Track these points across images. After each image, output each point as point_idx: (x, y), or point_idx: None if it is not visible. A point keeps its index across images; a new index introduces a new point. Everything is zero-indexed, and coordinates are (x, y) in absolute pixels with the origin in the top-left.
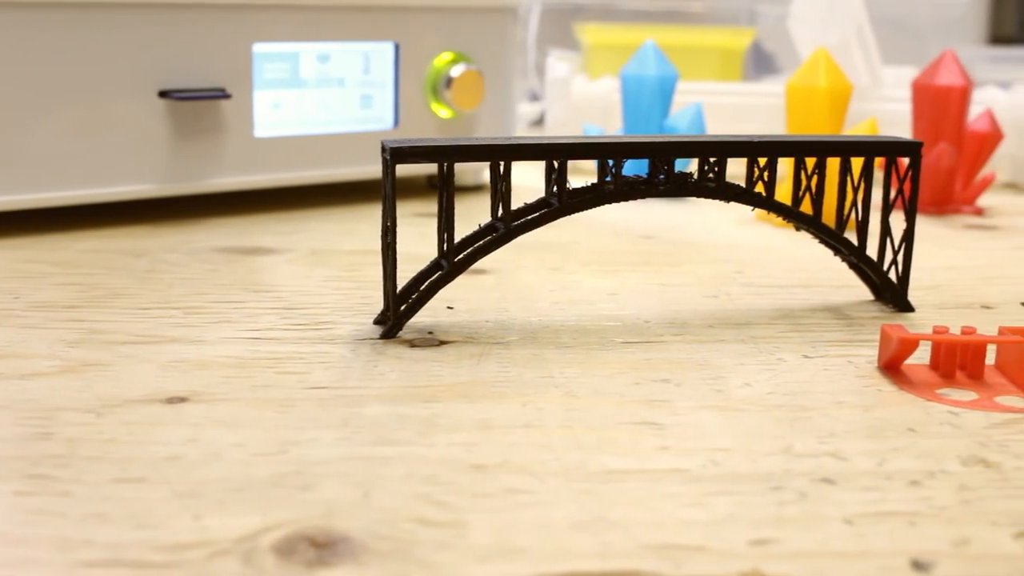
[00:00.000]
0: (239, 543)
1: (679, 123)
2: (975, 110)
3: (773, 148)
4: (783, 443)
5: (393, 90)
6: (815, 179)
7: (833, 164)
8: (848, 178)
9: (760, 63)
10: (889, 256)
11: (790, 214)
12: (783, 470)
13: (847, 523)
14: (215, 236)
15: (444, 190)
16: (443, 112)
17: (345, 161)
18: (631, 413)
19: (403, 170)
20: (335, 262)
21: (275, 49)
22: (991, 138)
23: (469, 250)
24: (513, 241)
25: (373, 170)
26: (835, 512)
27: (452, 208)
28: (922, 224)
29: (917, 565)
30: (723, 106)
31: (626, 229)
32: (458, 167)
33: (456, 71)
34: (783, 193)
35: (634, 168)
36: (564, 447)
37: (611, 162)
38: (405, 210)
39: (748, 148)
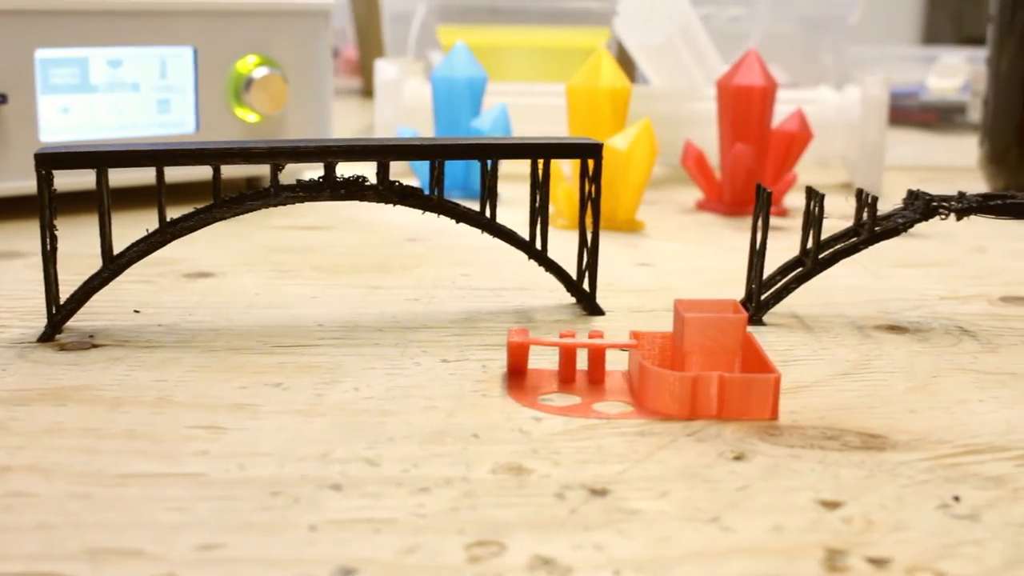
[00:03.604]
0: None
1: (483, 124)
2: (809, 110)
3: (442, 151)
4: (327, 448)
5: (193, 94)
6: (491, 181)
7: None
8: (536, 181)
9: None
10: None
11: (462, 217)
12: (300, 476)
13: (311, 530)
14: None
15: (100, 195)
16: (251, 116)
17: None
18: (206, 417)
19: (225, 172)
20: (74, 266)
21: (61, 54)
22: (799, 138)
23: (131, 253)
24: (266, 242)
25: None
26: (310, 519)
27: (108, 213)
28: (713, 225)
29: (343, 571)
30: (544, 107)
31: (401, 232)
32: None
33: (256, 74)
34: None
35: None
36: (108, 451)
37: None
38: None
39: (417, 151)
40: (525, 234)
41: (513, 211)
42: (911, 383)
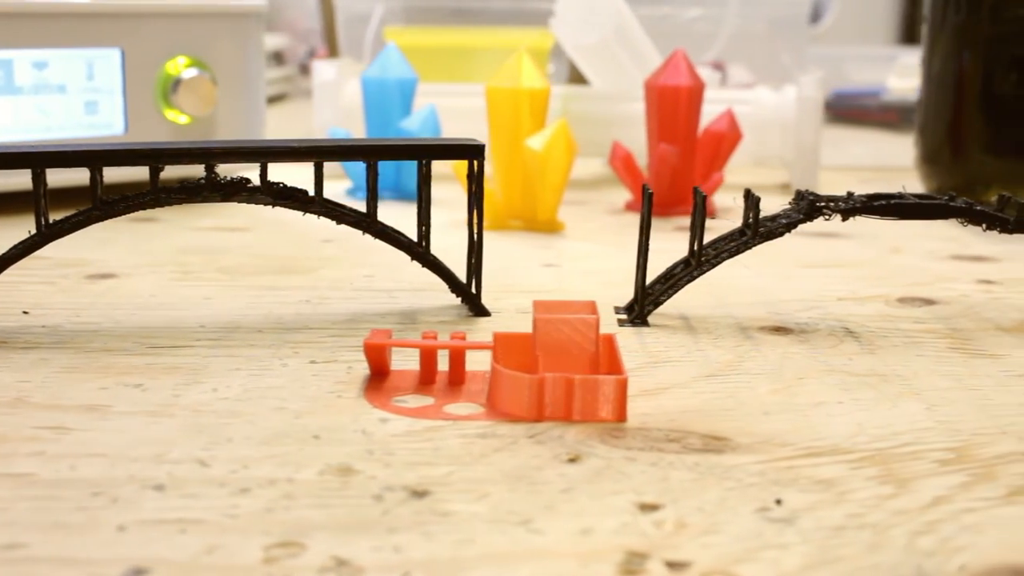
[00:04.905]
0: None
1: (412, 125)
2: (746, 110)
3: (321, 153)
4: (163, 449)
5: (122, 96)
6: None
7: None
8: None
9: None
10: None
11: (343, 219)
12: (128, 476)
13: (119, 530)
14: None
15: None
16: (182, 118)
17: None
18: (55, 418)
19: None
20: None
21: None
22: (729, 139)
23: (10, 254)
24: (182, 243)
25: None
26: (121, 519)
27: None
28: (636, 226)
29: (135, 571)
30: (479, 108)
31: (320, 233)
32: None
33: (184, 76)
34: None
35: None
36: None
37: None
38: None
39: (297, 153)
40: (454, 238)
41: (448, 211)
42: (775, 385)
